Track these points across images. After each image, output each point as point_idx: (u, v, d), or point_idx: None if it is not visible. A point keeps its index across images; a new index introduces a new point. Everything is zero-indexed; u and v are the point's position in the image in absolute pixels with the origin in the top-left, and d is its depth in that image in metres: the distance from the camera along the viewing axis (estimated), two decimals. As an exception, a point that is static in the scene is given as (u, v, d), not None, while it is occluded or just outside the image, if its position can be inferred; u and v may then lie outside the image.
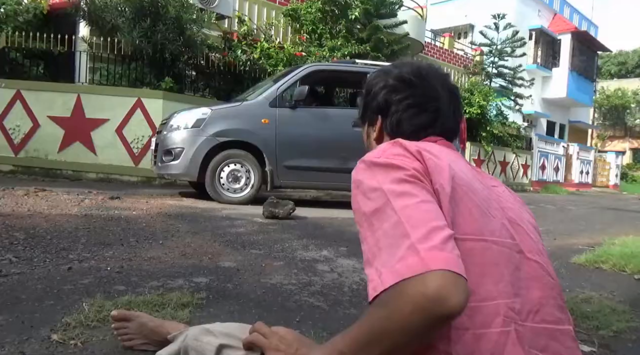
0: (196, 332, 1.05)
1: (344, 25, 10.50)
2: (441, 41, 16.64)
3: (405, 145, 0.78)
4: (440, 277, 0.59)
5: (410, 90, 0.92)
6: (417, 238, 0.63)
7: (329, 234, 3.59)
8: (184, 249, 2.65)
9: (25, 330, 1.41)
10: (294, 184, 5.52)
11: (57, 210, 3.48)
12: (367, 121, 1.01)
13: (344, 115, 5.42)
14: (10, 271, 1.98)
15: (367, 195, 0.73)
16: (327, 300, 2.00)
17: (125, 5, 6.92)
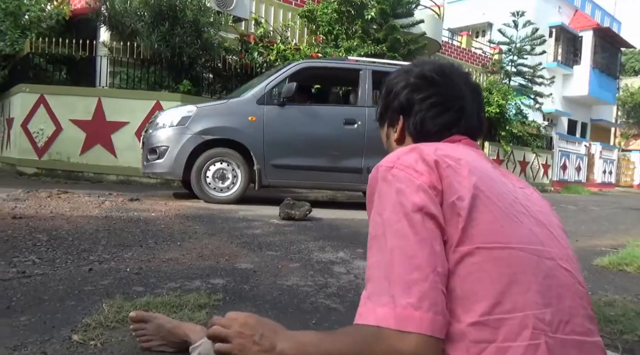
0: (209, 345, 1.05)
1: (360, 26, 10.47)
2: (459, 40, 16.46)
3: (423, 154, 0.76)
4: (415, 340, 0.62)
5: (433, 88, 0.90)
6: (396, 290, 0.65)
7: (345, 235, 3.59)
8: (202, 251, 2.67)
9: (47, 331, 1.44)
10: (283, 183, 5.42)
11: (79, 212, 3.56)
12: (388, 122, 0.98)
13: (334, 113, 5.35)
14: (34, 272, 2.03)
15: (374, 216, 0.74)
16: (344, 302, 2.00)
17: (144, 10, 7.03)
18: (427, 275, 0.65)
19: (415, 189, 0.71)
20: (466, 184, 0.72)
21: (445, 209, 0.70)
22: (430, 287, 0.64)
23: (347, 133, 5.18)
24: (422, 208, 0.69)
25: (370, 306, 0.66)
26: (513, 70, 15.05)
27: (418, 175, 0.73)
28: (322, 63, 6.12)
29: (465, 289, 0.66)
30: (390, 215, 0.70)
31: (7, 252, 2.31)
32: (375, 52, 10.24)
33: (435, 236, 0.69)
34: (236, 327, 0.76)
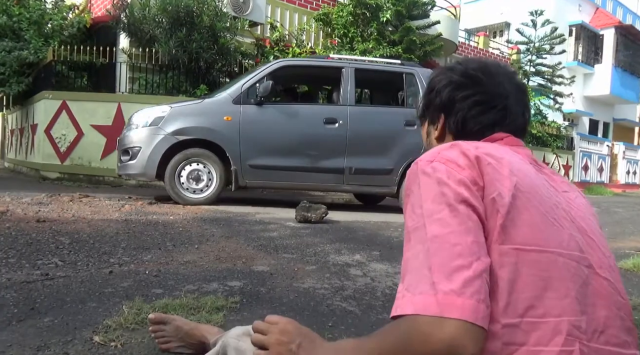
0: (238, 331, 1.06)
1: (375, 28, 10.46)
2: (476, 40, 16.30)
3: (464, 150, 0.75)
4: (456, 326, 0.60)
5: (476, 87, 0.88)
6: (438, 277, 0.63)
7: (361, 237, 3.58)
8: (219, 253, 2.70)
9: (69, 332, 1.47)
10: (261, 184, 5.27)
11: (100, 216, 3.63)
12: (429, 119, 0.97)
13: (314, 112, 5.23)
14: (56, 274, 2.08)
15: (414, 209, 0.72)
16: (360, 305, 2.00)
17: (162, 16, 7.15)
18: (471, 262, 0.63)
19: (457, 182, 0.70)
20: (507, 183, 0.70)
21: (486, 205, 0.69)
22: (474, 275, 0.62)
23: (327, 133, 5.08)
24: (465, 199, 0.68)
25: (408, 297, 0.64)
26: (532, 70, 14.82)
27: (460, 170, 0.72)
28: (302, 61, 5.94)
29: (501, 290, 0.65)
30: (432, 206, 0.69)
31: (32, 254, 2.37)
32: (390, 53, 10.21)
33: (478, 228, 0.67)
34: (275, 333, 0.75)
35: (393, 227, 4.22)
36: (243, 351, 1.00)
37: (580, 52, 18.76)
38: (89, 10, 9.52)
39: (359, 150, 5.13)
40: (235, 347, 1.02)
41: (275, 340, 0.74)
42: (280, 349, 0.73)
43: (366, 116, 5.38)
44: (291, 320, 0.78)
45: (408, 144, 5.23)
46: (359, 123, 5.18)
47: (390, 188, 5.29)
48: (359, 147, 5.13)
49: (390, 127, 5.29)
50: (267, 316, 0.79)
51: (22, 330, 1.47)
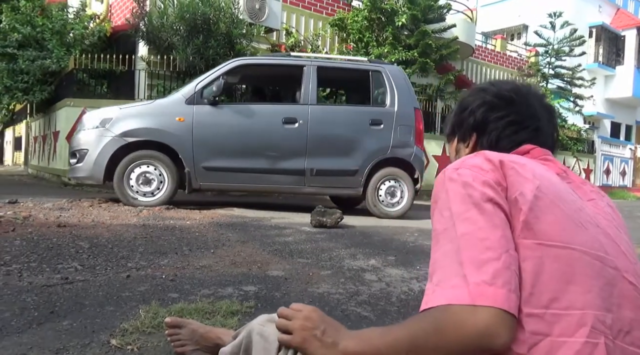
0: (262, 318, 1.07)
1: (390, 32, 10.45)
2: (493, 43, 16.14)
3: (487, 156, 0.78)
4: (488, 313, 0.61)
5: (510, 107, 0.92)
6: (469, 269, 0.65)
7: (376, 242, 3.57)
8: (234, 258, 2.72)
9: (87, 335, 1.50)
10: (215, 187, 5.09)
11: (118, 221, 3.69)
12: (458, 137, 1.00)
13: (273, 112, 5.06)
14: (76, 278, 2.12)
15: (442, 213, 0.75)
16: (375, 310, 1.99)
17: (180, 24, 7.26)
18: (500, 255, 0.65)
19: (481, 183, 0.73)
20: (529, 185, 0.73)
21: (510, 204, 0.72)
22: (504, 266, 0.64)
23: (287, 133, 4.91)
24: (491, 198, 0.71)
25: (438, 291, 0.66)
26: (551, 72, 14.61)
27: (484, 172, 0.74)
28: (261, 59, 5.73)
29: (524, 281, 0.67)
30: (459, 207, 0.72)
31: (52, 259, 2.42)
32: (406, 57, 10.19)
33: (505, 224, 0.70)
34: (299, 319, 0.77)
35: (409, 232, 4.19)
36: (267, 336, 1.00)
37: (600, 54, 18.42)
38: (109, 20, 9.73)
39: (320, 151, 4.98)
40: (260, 332, 1.03)
41: (300, 326, 0.76)
42: (304, 334, 0.75)
43: (328, 115, 5.23)
44: (315, 308, 0.79)
45: (374, 143, 5.13)
46: (321, 123, 5.04)
47: (355, 190, 5.15)
48: (320, 148, 4.98)
49: (354, 127, 5.15)
50: (292, 304, 0.81)
51: (42, 333, 1.50)
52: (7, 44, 8.14)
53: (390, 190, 5.25)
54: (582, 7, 17.81)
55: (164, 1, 7.53)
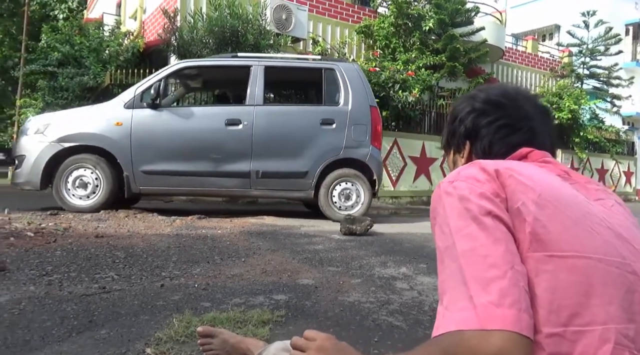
0: (277, 346, 1.08)
1: (417, 38, 10.38)
2: (524, 45, 15.79)
3: (482, 165, 0.75)
4: (500, 338, 0.58)
5: (500, 111, 0.90)
6: (474, 290, 0.62)
7: (407, 250, 3.52)
8: (265, 267, 2.74)
9: (124, 344, 1.54)
10: (156, 191, 5.01)
11: (153, 231, 3.78)
12: (454, 148, 0.98)
13: (215, 114, 4.98)
14: (112, 288, 2.18)
15: (442, 229, 0.72)
16: (407, 319, 1.96)
17: (209, 37, 7.44)
18: (505, 271, 0.62)
19: (478, 196, 0.70)
20: (530, 193, 0.70)
21: (512, 216, 0.69)
22: (511, 284, 0.61)
23: (230, 135, 4.83)
24: (490, 211, 0.68)
25: (448, 315, 0.64)
26: (585, 72, 14.18)
27: (480, 184, 0.72)
28: (206, 61, 5.58)
29: (541, 299, 0.64)
30: (458, 222, 0.69)
31: (91, 269, 2.50)
32: (434, 62, 10.09)
33: (509, 238, 0.66)
34: (312, 350, 0.76)
35: (440, 239, 4.12)
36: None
37: (638, 52, 17.72)
38: (142, 36, 10.07)
39: (267, 153, 4.87)
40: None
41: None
42: None
43: (275, 116, 5.06)
44: (329, 337, 0.78)
45: (325, 144, 4.96)
46: (267, 124, 4.92)
47: (306, 192, 5.00)
48: (267, 149, 4.87)
49: (303, 127, 5.00)
50: (305, 331, 0.80)
51: (80, 341, 1.55)
52: (48, 62, 8.54)
53: (345, 193, 5.05)
54: (618, 4, 17.22)
55: (194, 16, 7.74)
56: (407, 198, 9.30)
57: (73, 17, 14.52)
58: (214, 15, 7.38)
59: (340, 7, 10.94)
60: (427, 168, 9.70)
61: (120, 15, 12.45)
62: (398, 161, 9.17)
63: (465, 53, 10.57)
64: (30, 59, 9.53)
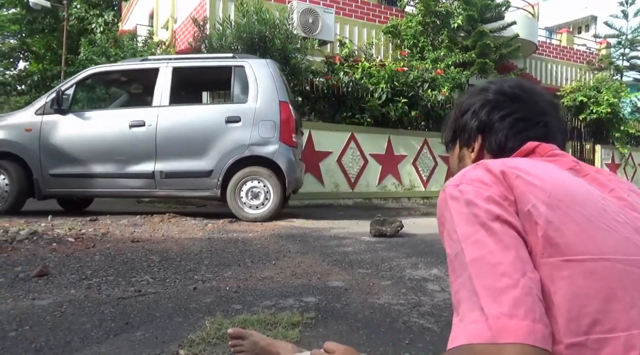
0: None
1: (446, 35, 10.24)
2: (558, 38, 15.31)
3: (488, 167, 0.72)
4: (513, 351, 0.55)
5: (516, 104, 0.87)
6: (485, 301, 0.59)
7: (438, 251, 3.47)
8: (295, 269, 2.76)
9: (158, 345, 1.58)
10: (63, 192, 5.16)
11: (186, 235, 3.87)
12: (461, 143, 0.95)
13: (120, 117, 5.08)
14: (147, 291, 2.24)
15: (450, 236, 0.70)
16: (439, 321, 1.93)
17: (238, 44, 7.56)
18: (517, 280, 0.59)
19: (485, 200, 0.67)
20: (540, 194, 0.66)
21: (522, 219, 0.66)
22: (523, 293, 0.59)
23: (134, 136, 4.91)
24: (498, 216, 0.65)
25: (461, 327, 0.61)
26: (625, 64, 13.62)
27: (487, 187, 0.69)
28: (116, 66, 5.64)
29: (558, 307, 0.61)
30: (465, 229, 0.66)
31: (127, 272, 2.59)
32: (463, 60, 9.92)
33: (519, 243, 0.64)
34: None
35: (473, 240, 4.04)
36: None
37: (683, 40, 16.85)
38: (174, 45, 10.35)
39: (171, 153, 4.90)
40: None
41: None
42: None
43: (179, 116, 5.05)
44: (348, 349, 0.78)
45: (230, 142, 4.89)
46: (172, 124, 4.95)
47: (212, 191, 4.95)
48: (171, 150, 4.90)
49: (208, 126, 4.96)
50: (325, 343, 0.80)
51: (117, 343, 1.61)
52: (86, 75, 8.88)
53: (252, 191, 4.94)
54: (659, -9, 16.45)
55: (222, 23, 7.89)
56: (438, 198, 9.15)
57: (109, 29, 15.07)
58: (242, 22, 7.49)
59: (367, 8, 10.91)
60: (459, 167, 9.52)
61: (152, 26, 12.84)
62: (429, 161, 9.05)
63: (496, 49, 10.34)
64: (70, 72, 9.93)
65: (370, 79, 8.20)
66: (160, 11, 12.50)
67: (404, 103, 8.08)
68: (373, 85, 8.13)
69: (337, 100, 8.21)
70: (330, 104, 8.25)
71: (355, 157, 8.09)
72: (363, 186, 8.19)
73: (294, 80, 7.86)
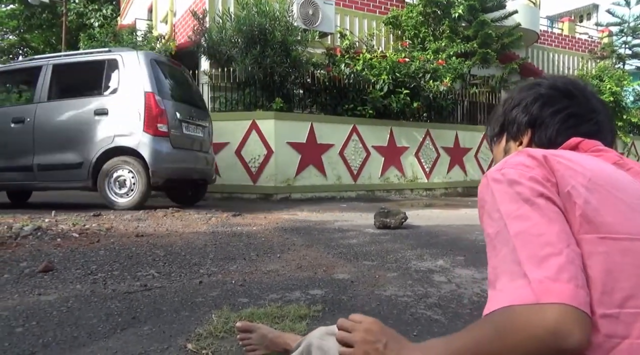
0: (321, 331, 1.07)
1: (447, 26, 10.16)
2: (559, 27, 15.19)
3: (530, 153, 0.74)
4: (557, 310, 0.56)
5: (568, 100, 0.87)
6: (529, 268, 0.60)
7: (444, 242, 3.46)
8: (300, 262, 2.75)
9: (165, 340, 1.58)
10: None
11: (190, 229, 3.87)
12: (509, 136, 0.95)
13: (4, 114, 5.40)
14: (153, 285, 2.24)
15: (491, 215, 0.71)
16: (446, 313, 1.92)
17: (237, 36, 7.52)
18: (561, 250, 0.61)
19: (529, 179, 0.69)
20: (580, 178, 0.68)
21: (563, 200, 0.67)
22: (567, 261, 0.60)
23: (15, 132, 5.24)
24: (542, 193, 0.67)
25: (499, 294, 0.62)
26: (627, 52, 13.51)
27: (529, 169, 0.71)
28: (5, 67, 6.17)
29: (594, 281, 0.62)
30: (509, 206, 0.68)
31: (132, 267, 2.58)
32: (465, 50, 9.85)
33: (562, 219, 0.65)
34: (360, 332, 0.76)
35: (478, 231, 4.02)
36: (327, 350, 1.00)
37: (686, 27, 16.70)
38: (174, 39, 10.28)
39: (46, 147, 5.15)
40: (319, 346, 1.03)
41: (361, 339, 0.74)
42: (366, 347, 0.73)
43: (54, 111, 5.27)
44: (376, 320, 0.77)
45: (98, 134, 5.06)
46: (47, 119, 5.20)
47: (84, 182, 5.15)
48: (46, 143, 5.15)
49: (78, 119, 5.15)
50: (351, 315, 0.79)
51: (125, 337, 1.60)
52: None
53: (119, 180, 5.09)
54: (662, -22, 16.28)
55: (222, 16, 7.84)
56: (441, 189, 9.15)
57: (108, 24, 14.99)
58: (241, 15, 7.44)
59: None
60: (460, 158, 9.51)
61: (152, 20, 12.76)
62: (431, 152, 9.03)
63: (498, 39, 10.27)
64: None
65: (372, 70, 8.15)
66: (159, 5, 12.42)
67: (406, 94, 8.04)
68: (374, 76, 8.08)
69: (339, 92, 8.17)
70: (331, 96, 8.21)
71: (357, 149, 8.07)
72: (365, 178, 8.18)
73: (295, 72, 7.82)
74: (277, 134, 7.20)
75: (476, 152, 9.74)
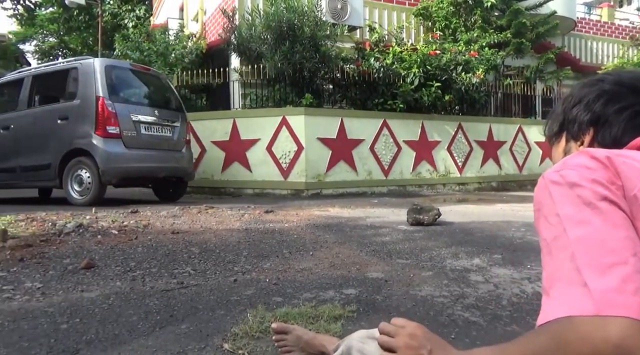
0: (362, 334, 1.06)
1: (479, 15, 9.90)
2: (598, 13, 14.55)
3: (592, 153, 0.69)
4: (622, 325, 0.52)
5: (635, 96, 0.81)
6: (589, 276, 0.56)
7: (479, 240, 3.38)
8: (333, 260, 2.74)
9: (202, 339, 1.60)
10: None
11: (223, 226, 3.92)
12: (569, 135, 0.90)
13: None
14: (190, 283, 2.28)
15: (548, 219, 0.66)
16: (484, 315, 1.87)
17: (267, 33, 7.55)
18: (627, 258, 0.56)
19: (591, 182, 0.64)
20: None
21: (630, 204, 0.63)
22: (634, 270, 0.55)
23: (4, 137, 6.07)
24: (605, 197, 0.62)
25: (556, 303, 0.58)
26: (675, 38, 12.78)
27: (592, 171, 0.66)
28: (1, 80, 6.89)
29: None
30: (569, 210, 0.63)
31: (169, 264, 2.64)
32: (498, 40, 9.58)
33: (629, 224, 0.60)
34: (404, 337, 0.74)
35: (514, 228, 3.91)
36: (367, 354, 0.98)
37: None
38: (204, 37, 10.42)
39: (25, 150, 5.90)
40: (360, 350, 1.01)
41: (404, 344, 0.72)
42: (409, 353, 0.71)
43: (28, 118, 5.98)
44: (419, 325, 0.75)
45: (61, 137, 5.64)
46: (26, 125, 5.94)
47: (53, 181, 5.81)
48: (25, 147, 5.90)
49: (46, 125, 5.77)
50: (393, 318, 0.77)
51: (164, 336, 1.63)
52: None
53: (78, 180, 5.63)
54: None
55: (251, 13, 7.88)
56: (474, 184, 8.96)
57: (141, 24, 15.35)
58: (270, 11, 7.46)
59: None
60: (495, 152, 9.27)
61: (183, 19, 12.98)
62: (464, 146, 8.84)
63: (533, 27, 9.93)
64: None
65: (402, 63, 8.03)
66: (189, 4, 12.61)
67: (437, 87, 7.88)
68: (405, 70, 7.96)
69: (369, 86, 8.09)
70: (361, 90, 8.14)
71: (388, 144, 7.98)
72: (397, 173, 8.09)
73: (325, 68, 7.79)
74: (307, 130, 7.20)
75: (511, 145, 9.47)
